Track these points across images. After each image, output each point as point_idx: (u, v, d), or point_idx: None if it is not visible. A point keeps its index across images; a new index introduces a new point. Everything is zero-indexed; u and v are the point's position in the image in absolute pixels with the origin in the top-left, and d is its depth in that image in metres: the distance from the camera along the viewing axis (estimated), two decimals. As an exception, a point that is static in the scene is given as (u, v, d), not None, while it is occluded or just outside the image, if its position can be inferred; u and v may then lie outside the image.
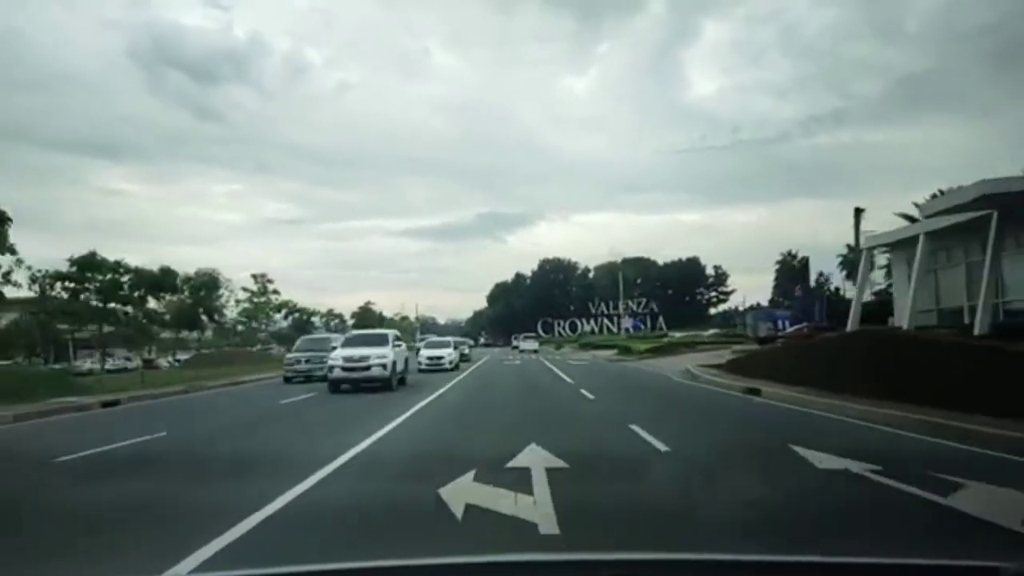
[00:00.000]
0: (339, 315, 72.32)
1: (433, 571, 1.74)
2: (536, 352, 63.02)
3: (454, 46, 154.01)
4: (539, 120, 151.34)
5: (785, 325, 45.39)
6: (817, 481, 6.78)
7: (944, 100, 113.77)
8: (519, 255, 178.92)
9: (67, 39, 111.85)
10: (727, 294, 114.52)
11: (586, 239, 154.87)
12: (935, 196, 32.45)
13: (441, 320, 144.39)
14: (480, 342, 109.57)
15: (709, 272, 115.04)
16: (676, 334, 75.42)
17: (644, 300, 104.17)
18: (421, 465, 8.06)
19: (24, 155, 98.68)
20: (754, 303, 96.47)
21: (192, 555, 4.42)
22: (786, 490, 6.47)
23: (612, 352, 49.67)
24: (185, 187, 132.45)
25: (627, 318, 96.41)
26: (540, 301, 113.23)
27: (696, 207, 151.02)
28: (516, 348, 71.27)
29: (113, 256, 26.47)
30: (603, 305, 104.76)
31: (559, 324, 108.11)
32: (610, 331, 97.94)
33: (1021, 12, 76.17)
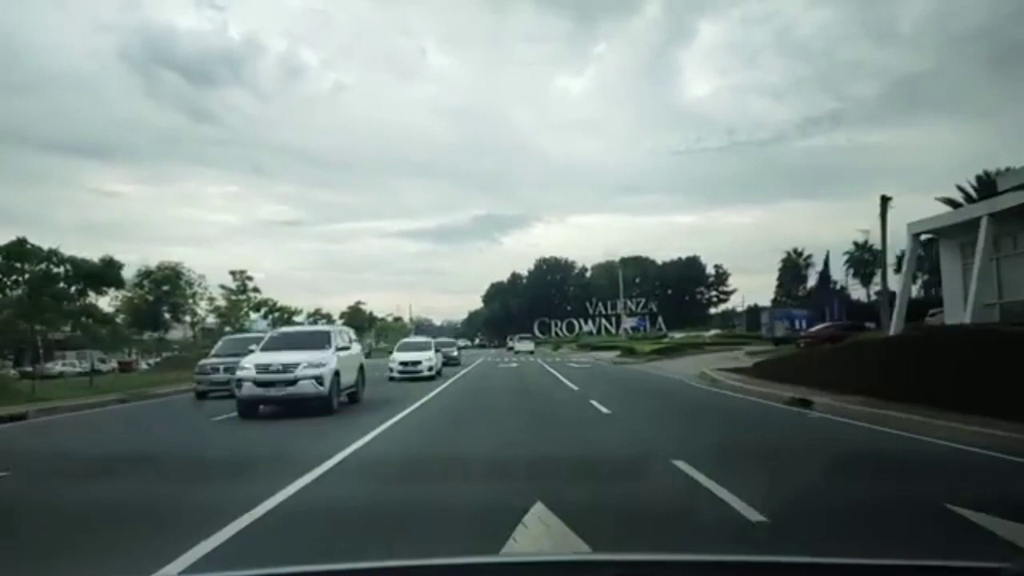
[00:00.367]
0: (327, 315, 68.81)
1: (433, 571, 1.73)
2: (532, 353, 60.53)
3: (450, 47, 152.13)
4: (536, 121, 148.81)
5: (803, 324, 42.28)
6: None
7: (940, 101, 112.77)
8: (516, 257, 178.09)
9: (61, 41, 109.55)
10: (728, 294, 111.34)
11: (583, 241, 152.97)
12: (998, 173, 28.93)
13: (437, 321, 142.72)
14: (475, 343, 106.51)
15: (709, 271, 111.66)
16: (676, 335, 73.64)
17: (643, 300, 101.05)
18: None
19: (18, 157, 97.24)
20: (751, 304, 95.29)
21: None
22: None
23: (614, 354, 46.48)
24: (180, 189, 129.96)
25: (629, 318, 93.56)
26: (537, 301, 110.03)
27: (692, 208, 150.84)
28: (512, 349, 68.55)
29: (117, 257, 23.63)
30: (601, 305, 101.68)
31: (556, 324, 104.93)
32: (608, 332, 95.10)
33: (1016, 14, 76.14)
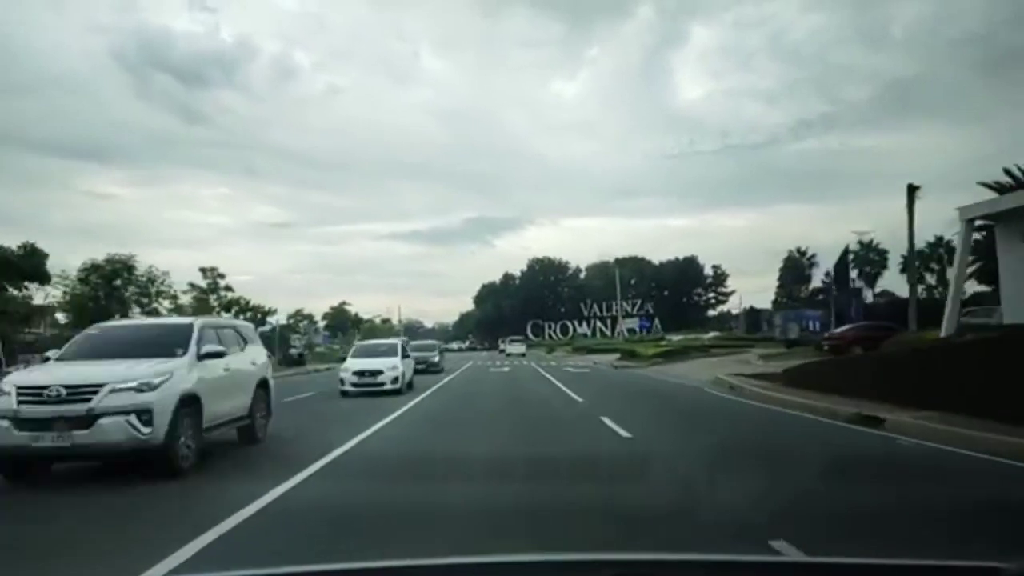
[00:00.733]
0: (308, 315, 65.66)
1: (433, 571, 1.72)
2: (524, 356, 57.83)
3: (444, 50, 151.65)
4: (529, 124, 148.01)
5: (815, 326, 39.40)
6: None
7: (934, 105, 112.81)
8: (509, 259, 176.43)
9: (56, 43, 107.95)
10: (726, 295, 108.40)
11: (576, 244, 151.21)
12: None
13: (428, 324, 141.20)
14: (467, 345, 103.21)
15: (707, 272, 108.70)
16: (674, 337, 71.10)
17: (639, 302, 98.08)
18: None
19: (12, 158, 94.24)
20: (747, 306, 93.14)
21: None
22: None
23: (614, 357, 43.40)
24: (173, 190, 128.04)
25: (630, 319, 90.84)
26: (530, 303, 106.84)
27: (686, 211, 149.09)
28: (503, 352, 65.60)
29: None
30: (596, 307, 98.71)
31: (550, 327, 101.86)
32: (603, 334, 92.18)
33: (1009, 19, 74.97)
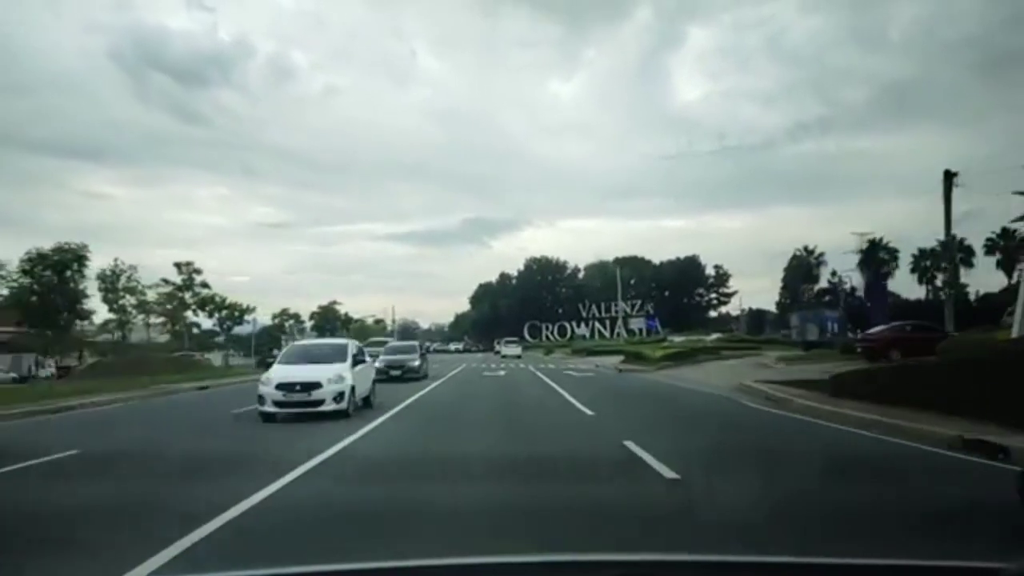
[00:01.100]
0: (294, 315, 62.67)
1: (433, 571, 1.71)
2: (519, 358, 55.36)
3: (442, 51, 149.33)
4: (527, 125, 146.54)
5: (834, 327, 36.75)
6: None
7: (930, 108, 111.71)
8: (505, 260, 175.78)
9: (52, 42, 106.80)
10: (728, 296, 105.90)
11: (573, 245, 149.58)
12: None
13: (424, 324, 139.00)
14: (463, 347, 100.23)
15: (709, 272, 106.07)
16: (676, 338, 68.76)
17: (639, 302, 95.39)
18: None
19: (8, 158, 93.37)
20: (745, 307, 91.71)
21: None
22: None
23: (617, 360, 40.62)
24: (170, 190, 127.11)
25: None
26: (527, 303, 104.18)
27: (683, 213, 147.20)
28: (498, 353, 62.96)
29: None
30: (595, 308, 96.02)
31: (547, 328, 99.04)
32: (602, 335, 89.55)
33: (1005, 22, 73.48)
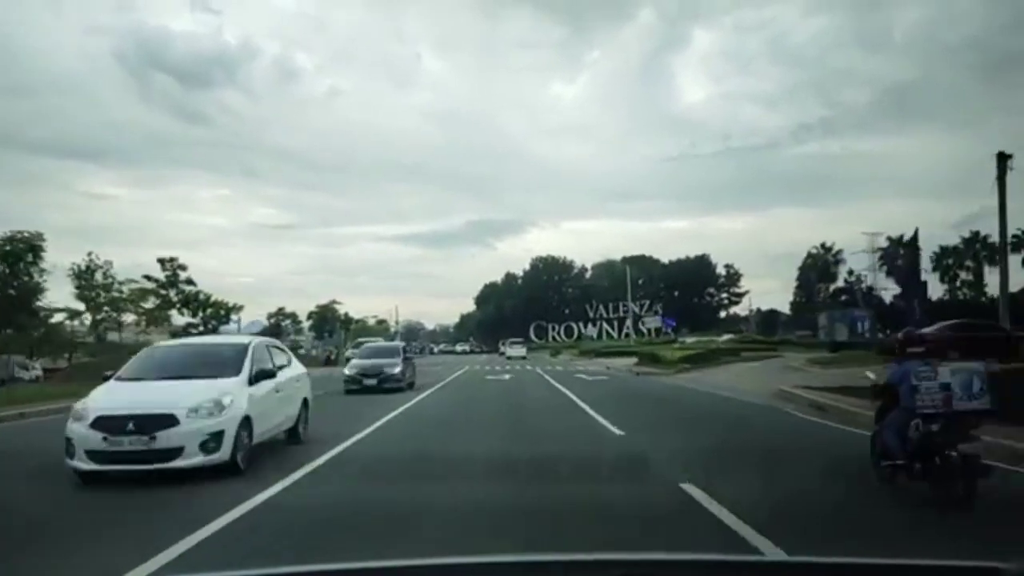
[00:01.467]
0: (291, 314, 60.03)
1: (433, 571, 1.71)
2: (525, 359, 53.33)
3: (444, 53, 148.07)
4: (530, 127, 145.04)
5: (865, 327, 34.13)
6: None
7: (932, 109, 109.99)
8: (510, 262, 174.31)
9: (55, 44, 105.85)
10: (740, 295, 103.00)
11: (577, 246, 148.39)
12: None
13: (429, 325, 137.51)
14: (469, 348, 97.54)
15: (720, 271, 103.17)
16: (687, 339, 66.58)
17: (648, 302, 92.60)
18: None
19: (9, 159, 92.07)
20: (755, 308, 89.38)
21: None
22: None
23: (630, 361, 37.99)
24: (172, 191, 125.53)
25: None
26: (532, 303, 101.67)
27: (686, 214, 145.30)
28: (503, 354, 60.65)
29: None
30: (603, 308, 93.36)
31: (553, 328, 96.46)
32: (610, 336, 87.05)
33: (1007, 24, 71.29)
